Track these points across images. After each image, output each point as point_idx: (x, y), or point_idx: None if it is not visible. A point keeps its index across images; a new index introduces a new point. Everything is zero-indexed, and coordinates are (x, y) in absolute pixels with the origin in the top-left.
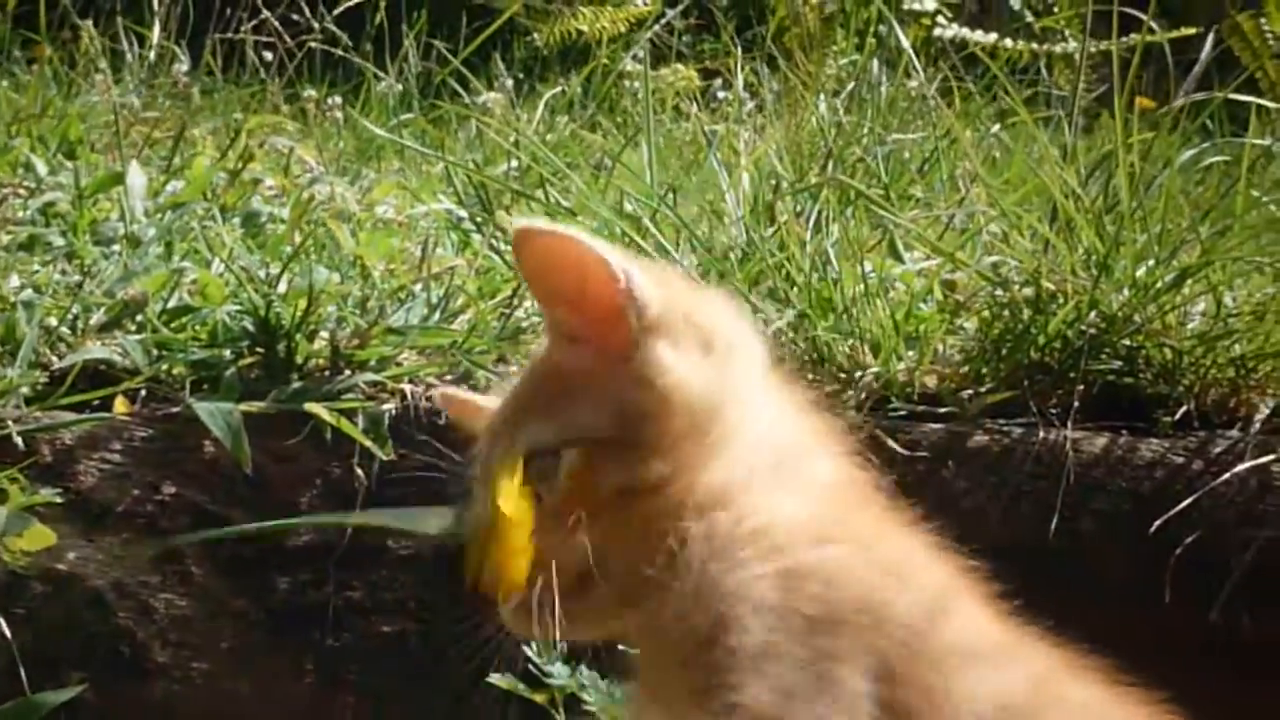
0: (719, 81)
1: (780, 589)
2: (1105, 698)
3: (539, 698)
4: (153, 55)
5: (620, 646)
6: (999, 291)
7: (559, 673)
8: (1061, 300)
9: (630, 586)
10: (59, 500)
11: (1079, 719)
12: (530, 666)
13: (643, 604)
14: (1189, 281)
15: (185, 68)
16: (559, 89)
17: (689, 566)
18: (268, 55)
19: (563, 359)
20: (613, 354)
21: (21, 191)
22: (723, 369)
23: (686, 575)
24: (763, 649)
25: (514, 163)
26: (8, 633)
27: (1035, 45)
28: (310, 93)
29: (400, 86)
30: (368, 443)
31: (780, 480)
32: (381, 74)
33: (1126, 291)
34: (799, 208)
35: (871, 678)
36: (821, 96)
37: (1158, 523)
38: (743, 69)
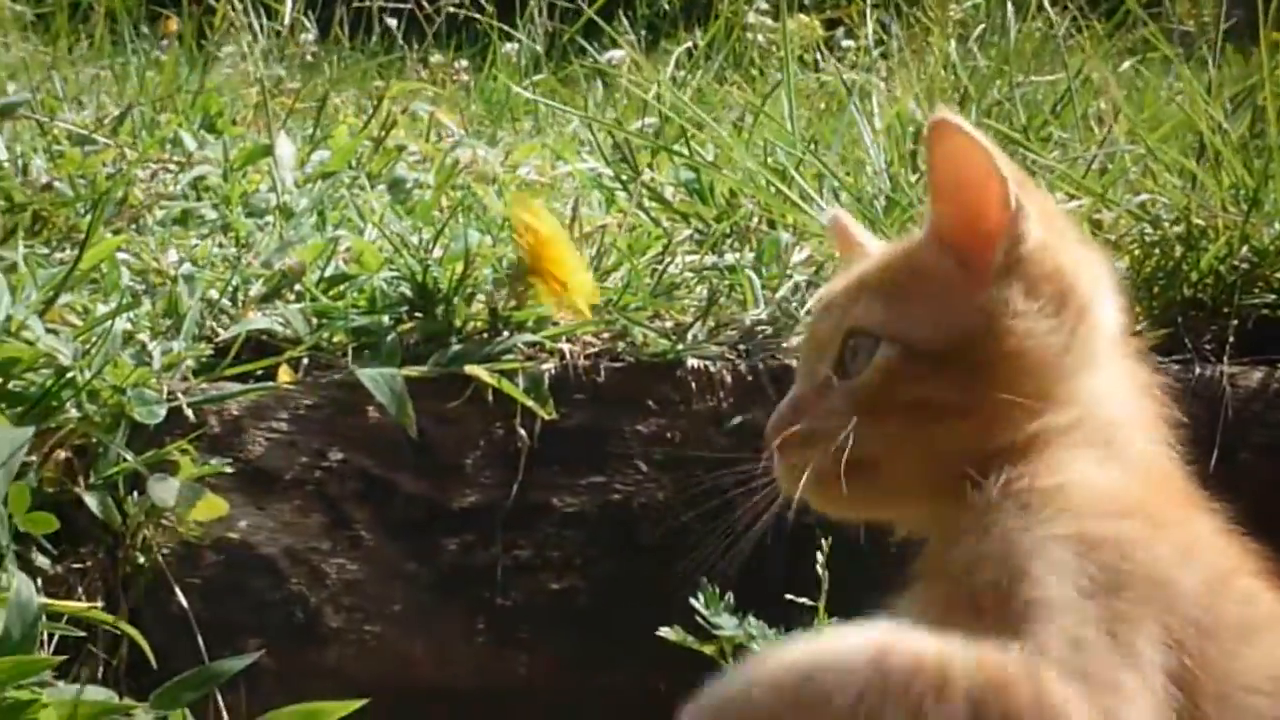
0: (841, 30)
1: (1075, 551)
2: None
3: (708, 649)
4: (286, 25)
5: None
6: (1149, 229)
7: (727, 624)
8: (1212, 236)
9: (899, 492)
10: (229, 470)
11: None
12: (699, 619)
13: (912, 512)
14: None
15: (313, 37)
16: (688, 44)
17: (985, 515)
18: (392, 22)
19: (928, 256)
20: (973, 274)
21: (171, 166)
22: (1069, 329)
23: (982, 523)
24: (1057, 602)
25: (648, 119)
26: (184, 602)
27: None
28: (437, 57)
29: (528, 48)
30: (529, 402)
31: (1090, 449)
32: (511, 33)
33: (1278, 225)
34: None
35: (1161, 646)
36: (951, 42)
37: None
38: (867, 16)
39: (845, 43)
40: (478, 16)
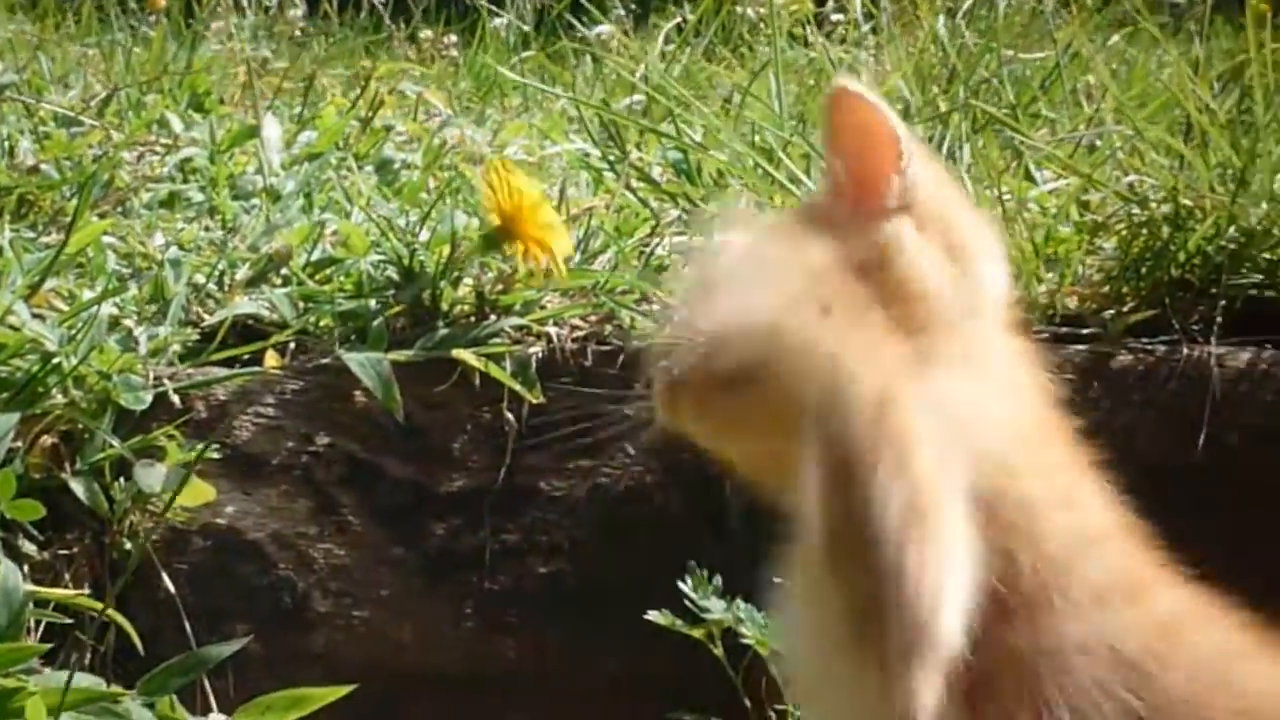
0: (831, 4)
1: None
2: (1238, 646)
3: (696, 633)
4: (275, 1)
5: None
6: (1136, 210)
7: (716, 607)
8: (1200, 216)
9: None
10: (216, 455)
11: (1202, 665)
12: (687, 603)
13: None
14: None
15: (301, 13)
16: (677, 20)
17: None
18: None
19: (825, 207)
20: (866, 216)
21: (158, 149)
22: (955, 273)
23: None
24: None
25: (636, 97)
26: (172, 588)
27: None
28: (427, 33)
29: (517, 23)
30: (517, 386)
31: (977, 379)
32: (497, 10)
33: (1265, 205)
34: (929, 133)
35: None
36: (940, 18)
37: None
38: None
39: (835, 17)
40: None
